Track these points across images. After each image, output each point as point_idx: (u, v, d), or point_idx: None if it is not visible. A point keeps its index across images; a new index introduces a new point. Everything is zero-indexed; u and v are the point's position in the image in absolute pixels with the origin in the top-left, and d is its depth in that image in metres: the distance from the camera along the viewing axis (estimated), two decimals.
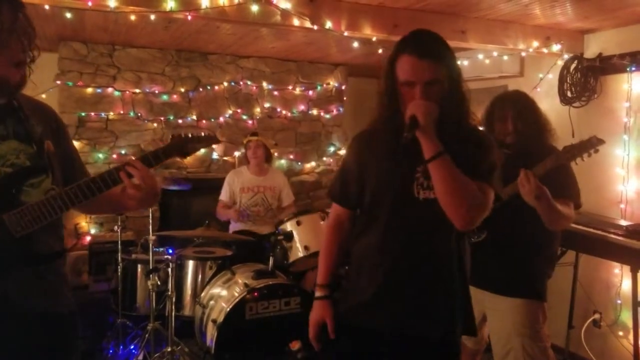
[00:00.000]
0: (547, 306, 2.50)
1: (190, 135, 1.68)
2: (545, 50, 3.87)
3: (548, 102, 4.10)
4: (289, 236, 3.54)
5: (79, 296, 4.09)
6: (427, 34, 1.71)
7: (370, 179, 1.78)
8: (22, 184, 1.49)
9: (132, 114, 5.06)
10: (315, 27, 3.16)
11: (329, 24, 3.22)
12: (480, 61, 4.44)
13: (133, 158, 1.64)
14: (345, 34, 3.28)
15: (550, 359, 2.50)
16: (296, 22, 3.13)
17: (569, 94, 3.96)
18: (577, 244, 3.35)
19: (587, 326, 3.76)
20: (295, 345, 3.13)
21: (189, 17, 2.81)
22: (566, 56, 3.97)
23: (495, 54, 4.26)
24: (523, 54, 4.04)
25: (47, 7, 2.46)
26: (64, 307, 1.61)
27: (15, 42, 1.40)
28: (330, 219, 1.96)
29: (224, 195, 4.30)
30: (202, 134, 1.70)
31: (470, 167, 1.63)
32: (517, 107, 2.56)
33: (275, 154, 5.40)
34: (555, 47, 3.88)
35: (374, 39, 3.41)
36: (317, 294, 1.88)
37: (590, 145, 2.30)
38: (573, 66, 3.93)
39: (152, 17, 2.87)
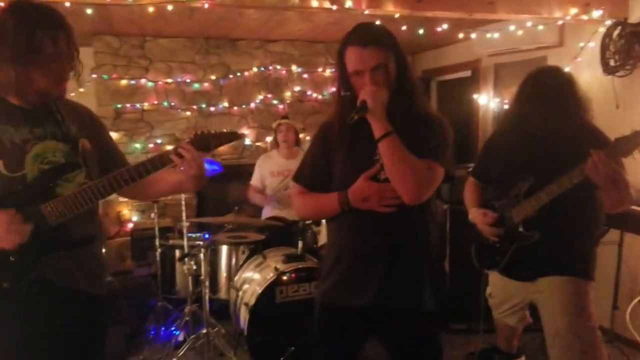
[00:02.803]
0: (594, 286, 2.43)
1: (212, 132, 1.82)
2: (585, 17, 3.65)
3: (590, 72, 3.90)
4: (317, 220, 3.54)
5: (124, 281, 4.25)
6: (370, 25, 1.84)
7: (335, 166, 1.89)
8: (58, 178, 1.67)
9: (165, 103, 5.18)
10: (335, 7, 3.11)
11: (349, 3, 3.15)
12: (512, 33, 4.23)
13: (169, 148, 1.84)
14: (366, 12, 3.21)
15: (599, 340, 2.40)
16: (315, 3, 3.08)
17: (612, 62, 3.74)
18: (621, 222, 3.19)
19: (633, 307, 3.60)
20: None
21: (206, 6, 2.82)
22: (608, 22, 3.73)
23: (529, 24, 4.06)
24: (560, 22, 3.84)
25: (67, 4, 2.52)
26: (97, 289, 1.79)
27: (65, 63, 1.62)
28: (296, 193, 2.02)
29: (254, 180, 4.33)
30: (225, 130, 1.86)
31: (418, 146, 1.74)
32: (548, 85, 2.43)
33: (307, 138, 5.39)
34: (596, 13, 3.65)
35: (397, 15, 3.31)
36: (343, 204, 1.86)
37: None
38: (616, 33, 3.70)
39: (170, 7, 2.90)
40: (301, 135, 4.53)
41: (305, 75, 5.57)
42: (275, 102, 5.50)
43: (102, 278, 1.85)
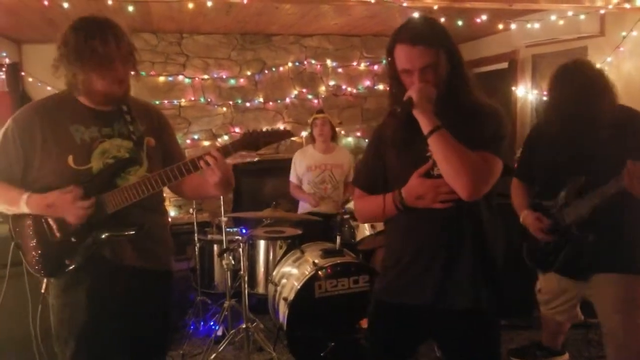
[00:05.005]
0: None
1: (263, 130, 1.92)
2: (627, 6, 3.55)
3: (633, 62, 3.79)
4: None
5: None
6: (421, 21, 1.77)
7: (389, 167, 1.88)
8: (121, 171, 1.89)
9: (202, 99, 5.25)
10: (373, 0, 3.09)
11: None
12: (553, 22, 4.14)
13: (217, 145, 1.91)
14: (405, 4, 3.18)
15: None
16: None
17: None
18: None
19: None
20: (365, 323, 3.13)
21: (245, 1, 2.83)
22: None
23: (570, 13, 3.96)
24: (602, 11, 3.74)
25: (110, 2, 2.57)
26: (155, 265, 2.00)
27: (118, 65, 1.78)
28: (356, 197, 2.04)
29: (292, 176, 4.36)
30: (280, 127, 1.95)
31: (471, 138, 1.67)
32: (580, 74, 2.38)
33: (342, 132, 5.39)
34: (639, 1, 3.56)
35: (436, 7, 3.28)
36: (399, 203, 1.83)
37: None
38: None
39: (209, 3, 2.92)
40: (337, 130, 4.53)
41: (340, 70, 5.57)
42: (310, 96, 5.51)
43: (158, 256, 2.03)
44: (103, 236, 1.87)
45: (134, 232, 1.88)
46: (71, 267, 1.87)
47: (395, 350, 1.91)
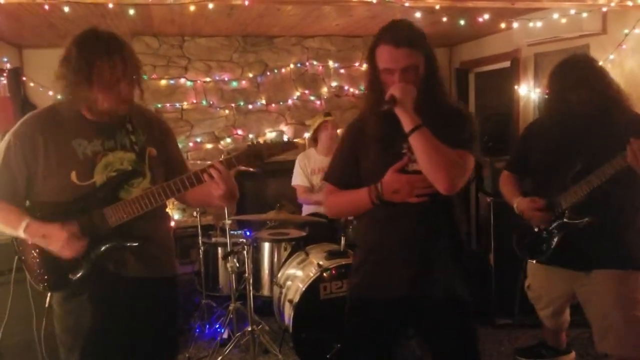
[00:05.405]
0: None
1: (267, 143, 1.91)
2: (629, 3, 3.54)
3: (635, 60, 3.78)
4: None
5: None
6: (404, 24, 1.88)
7: (364, 162, 1.94)
8: (124, 184, 1.88)
9: (204, 102, 5.25)
10: (375, 0, 3.08)
11: None
12: (555, 21, 4.13)
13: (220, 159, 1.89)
14: (407, 4, 3.17)
15: None
16: None
17: None
18: None
19: None
20: None
21: (247, 2, 2.83)
22: None
23: (572, 11, 3.95)
24: (604, 9, 3.73)
25: (110, 5, 2.57)
26: (159, 272, 1.99)
27: (124, 84, 1.78)
28: (328, 192, 2.08)
29: (301, 180, 4.27)
30: (285, 138, 1.90)
31: (448, 137, 1.78)
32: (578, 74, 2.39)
33: None
34: None
35: (438, 7, 3.27)
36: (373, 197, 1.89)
37: None
38: None
39: (210, 6, 2.92)
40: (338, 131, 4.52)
41: (342, 71, 5.56)
42: (312, 98, 5.51)
43: (162, 262, 2.01)
44: (105, 248, 1.86)
45: (137, 245, 1.88)
46: (74, 279, 1.86)
47: (377, 346, 1.95)
